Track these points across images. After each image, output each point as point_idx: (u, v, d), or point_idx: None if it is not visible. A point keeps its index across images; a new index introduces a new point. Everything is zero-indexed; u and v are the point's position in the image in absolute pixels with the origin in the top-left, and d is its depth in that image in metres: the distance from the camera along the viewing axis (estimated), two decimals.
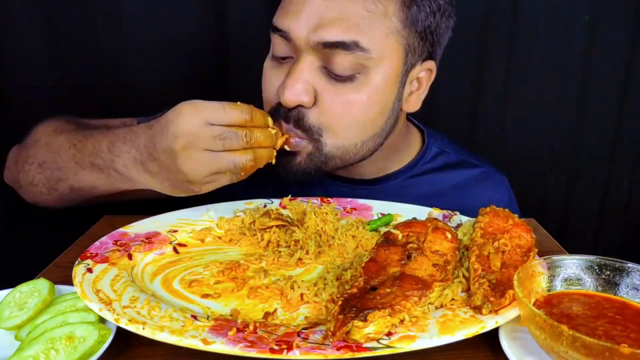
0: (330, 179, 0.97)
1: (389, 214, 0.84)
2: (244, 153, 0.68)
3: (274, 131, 0.72)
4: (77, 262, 0.65)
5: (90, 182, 0.80)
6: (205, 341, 0.50)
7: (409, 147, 1.01)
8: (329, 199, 0.91)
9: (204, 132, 0.65)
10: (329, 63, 0.78)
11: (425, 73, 0.87)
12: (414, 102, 0.89)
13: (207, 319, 0.55)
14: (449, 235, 0.67)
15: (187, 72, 1.38)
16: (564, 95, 1.52)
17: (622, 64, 1.51)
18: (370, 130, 0.85)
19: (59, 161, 0.83)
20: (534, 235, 0.69)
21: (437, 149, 1.02)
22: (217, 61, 1.40)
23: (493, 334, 0.56)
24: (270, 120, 0.72)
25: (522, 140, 1.56)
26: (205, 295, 0.63)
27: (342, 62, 0.77)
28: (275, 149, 0.74)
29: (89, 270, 0.63)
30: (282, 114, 0.80)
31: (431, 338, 0.51)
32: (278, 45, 0.82)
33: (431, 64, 0.87)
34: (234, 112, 0.67)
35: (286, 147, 0.78)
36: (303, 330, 0.53)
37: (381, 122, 0.85)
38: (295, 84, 0.78)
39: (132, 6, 1.32)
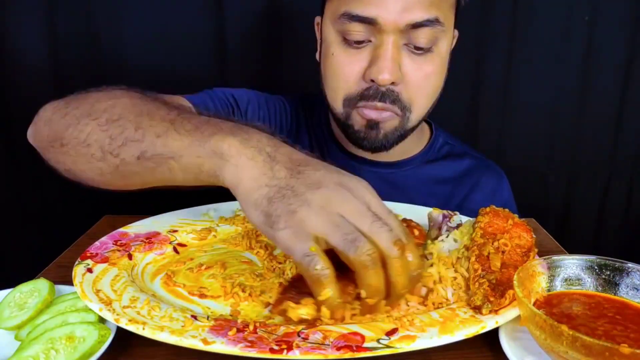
0: (356, 161, 1.03)
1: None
2: (372, 247, 0.55)
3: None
4: (77, 262, 0.65)
5: (174, 149, 0.64)
6: (205, 341, 0.50)
7: (423, 134, 1.09)
8: None
9: (363, 205, 0.57)
10: (411, 40, 0.85)
11: (452, 40, 0.97)
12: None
13: (207, 319, 0.55)
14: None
15: (188, 72, 1.38)
16: (563, 95, 1.52)
17: (622, 64, 1.50)
18: (437, 96, 0.95)
19: (144, 120, 0.68)
20: (533, 235, 0.69)
21: (443, 140, 1.10)
22: (217, 61, 1.40)
23: (493, 334, 0.56)
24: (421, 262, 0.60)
25: (522, 140, 1.56)
26: (203, 296, 0.63)
27: (424, 36, 0.85)
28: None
29: (89, 270, 0.63)
30: (374, 95, 0.87)
31: (431, 338, 0.51)
32: (355, 32, 0.85)
33: (455, 32, 0.96)
34: (396, 219, 0.59)
35: None
36: (303, 331, 0.53)
37: (440, 90, 0.95)
38: (390, 64, 0.84)
39: (132, 5, 1.33)
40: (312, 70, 1.01)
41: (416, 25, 0.84)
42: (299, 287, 0.56)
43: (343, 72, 0.89)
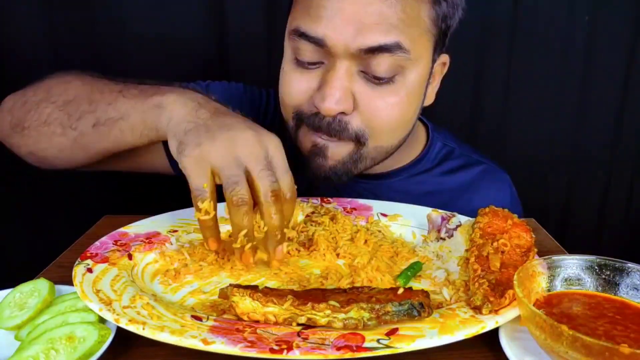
0: None
1: (417, 262, 0.72)
2: (248, 192, 0.63)
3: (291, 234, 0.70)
4: (77, 262, 0.65)
5: (121, 111, 0.74)
6: (205, 341, 0.50)
7: (416, 142, 1.02)
8: (329, 198, 0.91)
9: (264, 153, 0.64)
10: (368, 67, 0.77)
11: (439, 66, 0.90)
12: (430, 96, 0.92)
13: (207, 319, 0.55)
14: None
15: (187, 72, 1.38)
16: (564, 95, 1.52)
17: (622, 64, 1.51)
18: (407, 129, 0.88)
19: (96, 95, 0.78)
20: (533, 235, 0.69)
21: (441, 144, 1.03)
22: (217, 60, 1.40)
23: (493, 334, 0.56)
24: (292, 222, 0.69)
25: (523, 140, 1.56)
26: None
27: (383, 64, 0.76)
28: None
29: (89, 270, 0.63)
30: (321, 126, 0.80)
31: (431, 338, 0.51)
32: (305, 51, 0.78)
33: (445, 57, 0.90)
34: (290, 177, 0.66)
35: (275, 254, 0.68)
36: (303, 331, 0.53)
37: (414, 120, 0.88)
38: (336, 92, 0.76)
39: (132, 4, 1.33)
40: None
41: (371, 51, 0.74)
42: (253, 286, 0.59)
43: (289, 91, 0.83)
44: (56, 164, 0.85)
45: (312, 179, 0.85)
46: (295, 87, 0.82)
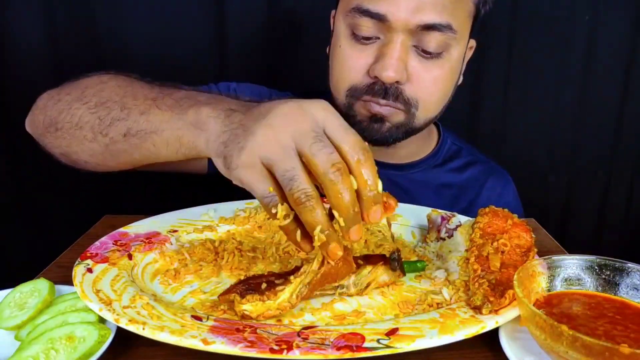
0: None
1: (421, 261, 0.72)
2: (311, 185, 0.53)
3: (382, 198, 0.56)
4: (77, 262, 0.65)
5: (155, 124, 0.68)
6: (205, 341, 0.50)
7: (431, 136, 1.10)
8: None
9: (312, 124, 0.55)
10: (420, 42, 0.85)
11: (468, 50, 0.97)
12: (461, 76, 0.99)
13: (207, 319, 0.55)
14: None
15: (187, 72, 1.38)
16: (564, 95, 1.52)
17: (623, 64, 1.51)
18: (446, 101, 0.95)
19: (129, 101, 0.73)
20: (533, 235, 0.69)
21: (450, 141, 1.11)
22: (217, 60, 1.40)
23: (493, 334, 0.56)
24: (380, 185, 0.55)
25: (523, 140, 1.56)
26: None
27: (434, 41, 0.85)
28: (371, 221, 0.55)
29: (89, 270, 0.63)
30: (378, 91, 0.87)
31: (431, 338, 0.51)
32: (364, 27, 0.85)
33: (472, 42, 0.97)
34: (353, 137, 0.55)
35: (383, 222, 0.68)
36: (303, 331, 0.53)
37: (452, 94, 0.96)
38: (395, 62, 0.84)
39: (133, 5, 1.33)
40: (312, 68, 1.01)
41: (426, 27, 0.83)
42: (250, 284, 0.59)
43: (348, 64, 0.89)
44: (88, 168, 0.82)
45: (371, 142, 0.90)
46: (353, 61, 0.89)
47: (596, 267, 0.61)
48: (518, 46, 1.47)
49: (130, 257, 0.69)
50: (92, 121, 0.75)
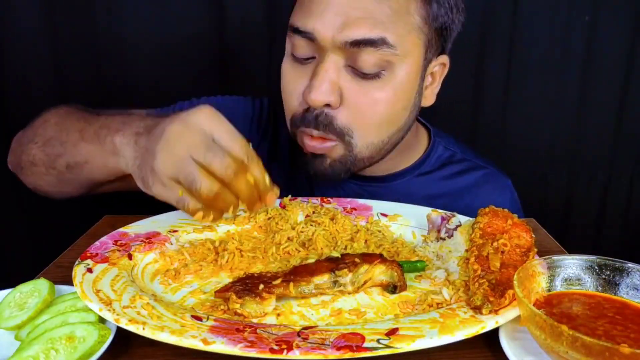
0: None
1: (421, 261, 0.72)
2: (211, 180, 0.64)
3: (267, 184, 0.70)
4: (77, 262, 0.65)
5: (85, 155, 0.79)
6: (205, 341, 0.50)
7: (418, 144, 1.02)
8: (329, 198, 0.91)
9: (200, 136, 0.64)
10: (354, 61, 0.79)
11: (439, 67, 0.90)
12: (429, 97, 0.92)
13: (207, 319, 0.55)
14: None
15: (187, 72, 1.38)
16: (564, 95, 1.52)
17: (623, 64, 1.51)
18: (396, 125, 0.87)
19: (64, 136, 0.82)
20: (533, 235, 0.69)
21: (443, 147, 1.04)
22: (217, 60, 1.40)
23: (493, 334, 0.56)
24: (267, 178, 0.70)
25: (523, 140, 1.56)
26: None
27: (369, 59, 0.78)
28: (260, 203, 0.71)
29: (89, 270, 0.63)
30: (310, 120, 0.82)
31: (431, 338, 0.51)
32: (299, 46, 0.82)
33: (444, 59, 0.90)
34: (238, 143, 0.65)
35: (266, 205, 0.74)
36: (303, 331, 0.53)
37: (405, 117, 0.88)
38: (322, 84, 0.79)
39: (133, 4, 1.33)
40: None
41: (356, 44, 0.77)
42: (247, 283, 0.60)
43: (288, 88, 0.86)
44: (57, 197, 0.93)
45: (314, 177, 0.90)
46: (292, 84, 0.85)
47: (596, 267, 0.60)
48: (518, 46, 1.47)
49: (130, 257, 0.69)
50: (43, 158, 0.85)
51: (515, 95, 1.51)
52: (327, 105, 0.81)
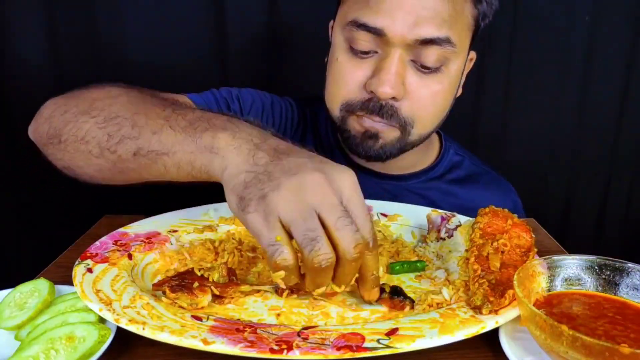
0: (361, 172, 0.97)
1: (421, 261, 0.73)
2: (331, 249, 0.54)
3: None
4: (77, 262, 0.65)
5: (168, 146, 0.65)
6: (205, 341, 0.50)
7: (432, 147, 1.08)
8: None
9: (338, 199, 0.55)
10: (418, 56, 0.84)
11: (468, 62, 0.96)
12: (459, 89, 0.98)
13: (207, 319, 0.55)
14: None
15: (187, 72, 1.38)
16: (564, 95, 1.52)
17: (623, 64, 1.51)
18: (444, 116, 0.94)
19: (140, 119, 0.69)
20: (533, 235, 0.69)
21: (453, 152, 1.09)
22: (217, 60, 1.40)
23: (493, 334, 0.56)
24: (381, 271, 0.66)
25: (523, 140, 1.56)
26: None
27: (432, 55, 0.83)
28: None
29: (89, 270, 0.63)
30: (373, 109, 0.86)
31: (431, 338, 0.51)
32: (361, 40, 0.84)
33: (473, 54, 0.96)
34: (370, 222, 0.57)
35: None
36: (303, 331, 0.53)
37: (449, 109, 0.95)
38: (392, 77, 0.83)
39: (133, 4, 1.33)
40: (312, 72, 1.01)
41: (424, 42, 0.82)
42: (185, 279, 0.61)
43: (345, 79, 0.88)
44: (93, 182, 0.78)
45: (367, 158, 0.93)
46: (350, 75, 0.87)
47: (596, 267, 0.61)
48: (518, 46, 1.47)
49: (130, 257, 0.69)
50: (99, 136, 0.71)
51: (515, 95, 1.51)
52: (393, 97, 0.85)
